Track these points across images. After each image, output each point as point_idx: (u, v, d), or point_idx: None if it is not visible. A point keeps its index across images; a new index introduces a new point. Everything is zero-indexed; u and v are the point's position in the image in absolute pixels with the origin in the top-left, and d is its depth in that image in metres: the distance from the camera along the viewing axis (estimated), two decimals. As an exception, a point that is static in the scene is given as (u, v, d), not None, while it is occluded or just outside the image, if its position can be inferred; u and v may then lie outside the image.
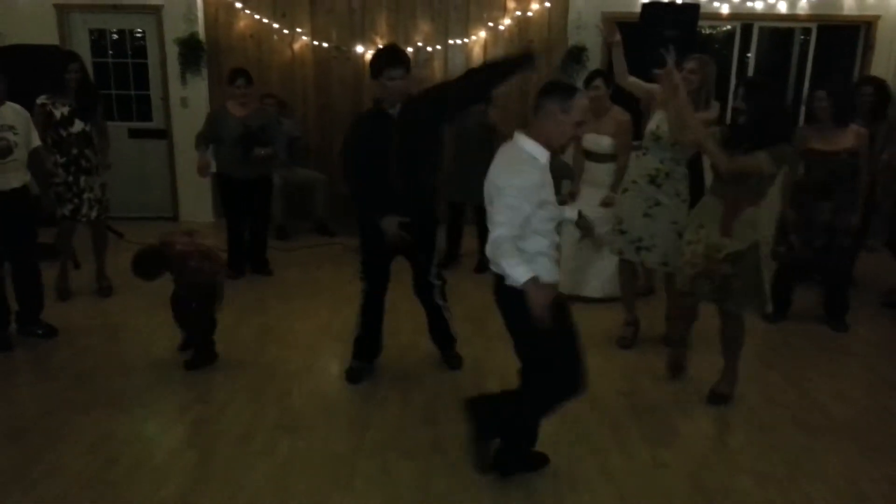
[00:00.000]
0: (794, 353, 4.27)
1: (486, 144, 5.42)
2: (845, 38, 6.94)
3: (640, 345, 4.33)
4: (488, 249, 2.56)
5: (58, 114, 4.58)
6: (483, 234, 5.51)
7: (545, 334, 2.52)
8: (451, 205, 5.72)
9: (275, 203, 6.44)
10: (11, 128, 3.97)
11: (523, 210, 2.51)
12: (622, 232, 4.07)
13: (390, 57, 3.43)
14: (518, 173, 2.55)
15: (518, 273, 2.48)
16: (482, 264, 5.64)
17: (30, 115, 4.18)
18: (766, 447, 3.21)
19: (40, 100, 4.58)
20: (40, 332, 4.22)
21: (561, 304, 2.70)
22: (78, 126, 4.64)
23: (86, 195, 4.71)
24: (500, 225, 2.51)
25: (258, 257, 5.58)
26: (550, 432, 3.27)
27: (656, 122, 3.93)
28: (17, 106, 4.07)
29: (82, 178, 4.69)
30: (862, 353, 4.32)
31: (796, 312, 4.75)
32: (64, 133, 4.60)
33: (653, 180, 3.93)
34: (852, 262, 4.73)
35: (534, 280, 2.48)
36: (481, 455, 2.85)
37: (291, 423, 3.33)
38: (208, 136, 5.17)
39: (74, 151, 4.63)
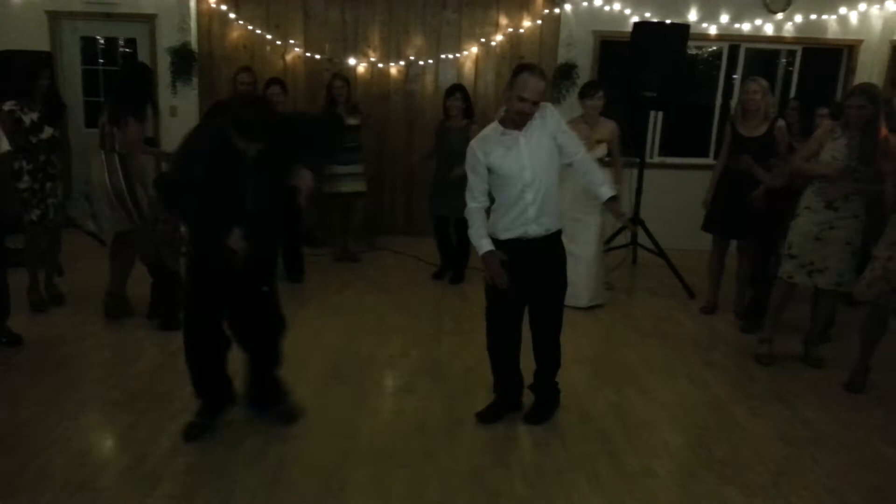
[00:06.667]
0: (776, 365, 4.33)
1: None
2: (828, 61, 7.11)
3: (627, 357, 4.39)
4: None
5: (27, 120, 4.41)
6: (462, 245, 5.59)
7: None
8: (437, 218, 5.75)
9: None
10: None
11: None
12: (792, 256, 4.15)
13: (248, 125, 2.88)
14: None
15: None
16: (458, 276, 5.70)
17: None
18: (752, 458, 3.26)
19: (7, 106, 4.36)
20: (4, 339, 4.13)
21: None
22: (47, 132, 4.52)
23: (50, 200, 4.59)
24: None
25: (295, 264, 5.63)
26: (539, 441, 3.32)
27: (831, 152, 4.00)
28: None
29: (48, 185, 4.57)
30: (843, 366, 4.38)
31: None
32: (34, 139, 4.46)
33: (829, 205, 4.02)
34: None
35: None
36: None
37: (282, 431, 3.32)
38: None
39: (42, 158, 4.52)
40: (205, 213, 2.99)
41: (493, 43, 6.93)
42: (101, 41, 7.04)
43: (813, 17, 6.79)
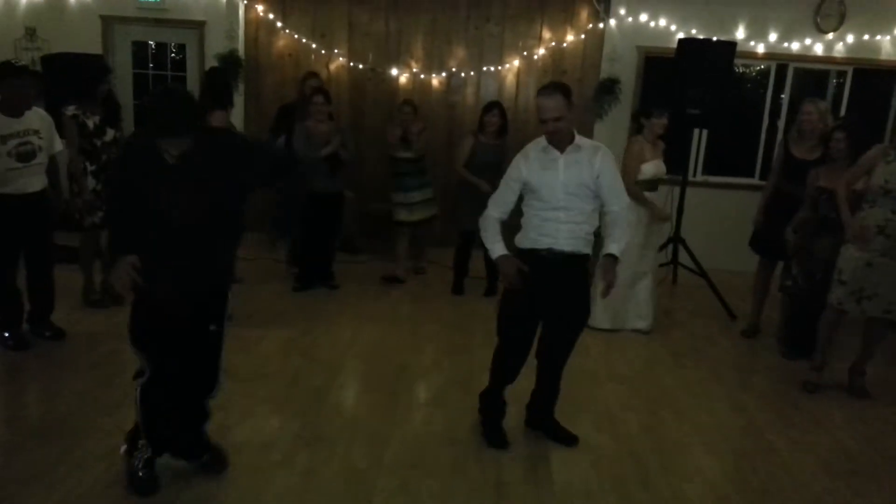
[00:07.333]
0: (819, 393, 4.19)
1: (498, 172, 5.44)
2: (881, 83, 6.92)
3: (664, 378, 4.31)
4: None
5: (90, 123, 4.58)
6: (491, 260, 5.52)
7: None
8: (462, 233, 5.69)
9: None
10: (36, 132, 4.05)
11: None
12: (842, 283, 4.03)
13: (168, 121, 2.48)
14: None
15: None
16: (491, 288, 5.65)
17: (52, 121, 4.24)
18: (789, 487, 3.16)
19: (70, 111, 4.51)
20: (48, 333, 4.26)
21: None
22: (110, 134, 4.69)
23: None
24: None
25: (326, 270, 5.70)
26: (570, 460, 3.26)
27: (883, 175, 3.89)
28: (42, 111, 4.17)
29: None
30: (886, 396, 4.24)
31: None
32: (99, 143, 4.62)
33: (881, 231, 3.90)
34: None
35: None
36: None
37: (312, 436, 3.33)
38: None
39: (104, 158, 4.66)
40: (119, 224, 2.67)
41: (536, 56, 6.92)
42: (153, 46, 7.24)
43: (866, 37, 6.63)
